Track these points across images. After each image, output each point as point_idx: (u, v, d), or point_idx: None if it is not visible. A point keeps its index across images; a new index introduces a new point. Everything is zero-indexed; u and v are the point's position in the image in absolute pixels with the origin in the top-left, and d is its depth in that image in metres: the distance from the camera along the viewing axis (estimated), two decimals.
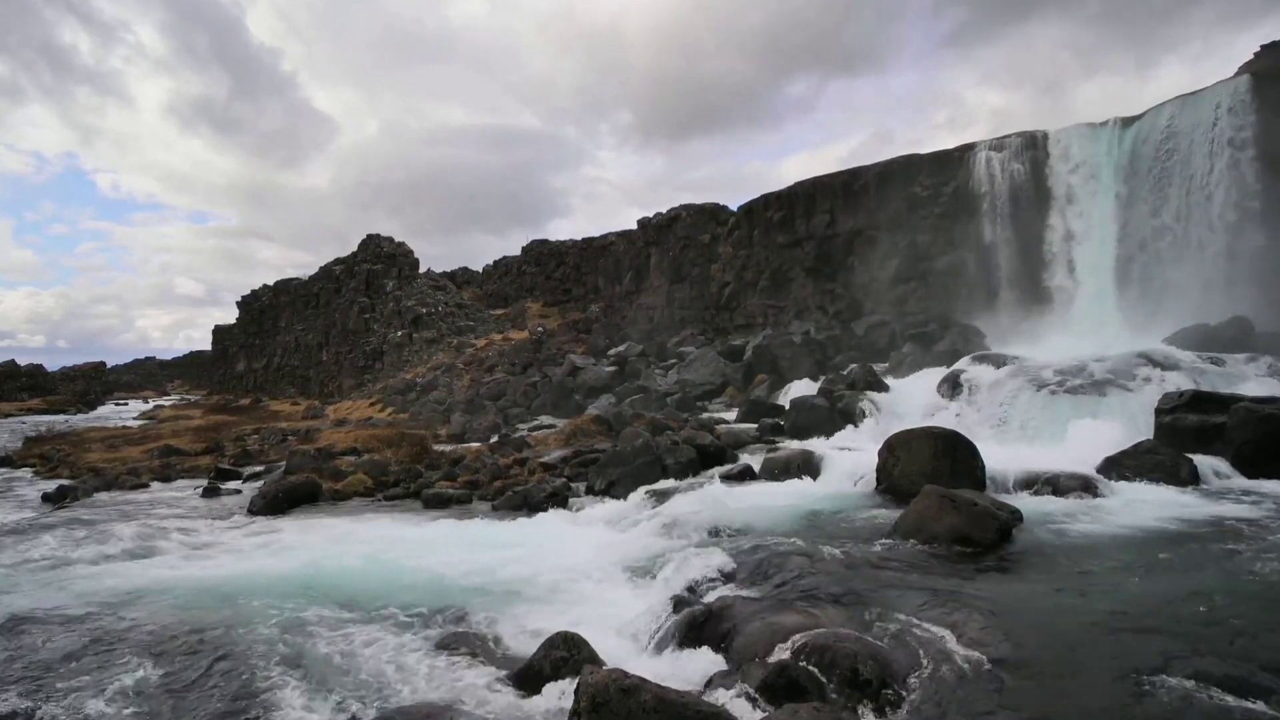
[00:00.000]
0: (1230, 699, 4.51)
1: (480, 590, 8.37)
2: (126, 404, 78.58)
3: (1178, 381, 13.92)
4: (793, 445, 15.42)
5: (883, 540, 8.32)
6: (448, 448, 20.81)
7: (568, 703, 5.26)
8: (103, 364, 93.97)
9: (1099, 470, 10.94)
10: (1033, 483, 10.38)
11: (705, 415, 21.94)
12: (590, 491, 13.90)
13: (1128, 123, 24.31)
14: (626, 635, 6.84)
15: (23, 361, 78.32)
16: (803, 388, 22.16)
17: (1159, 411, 12.37)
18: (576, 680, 5.21)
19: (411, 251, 58.85)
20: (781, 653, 5.56)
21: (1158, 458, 10.81)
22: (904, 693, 4.98)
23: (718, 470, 13.90)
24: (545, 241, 62.65)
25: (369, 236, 59.09)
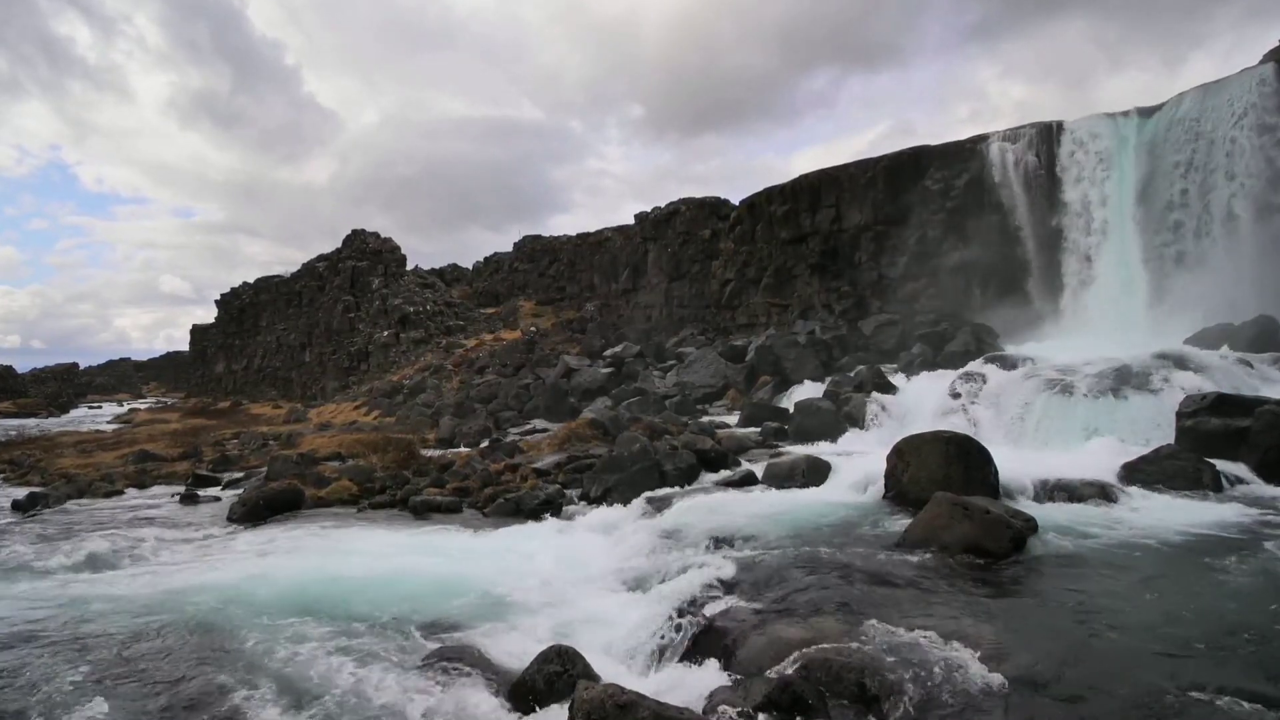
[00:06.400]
0: (1256, 713, 4.51)
1: (470, 602, 8.37)
2: (100, 407, 78.53)
3: (1200, 384, 13.91)
4: (797, 450, 15.41)
5: (891, 550, 8.32)
6: (436, 453, 20.79)
7: None
8: (75, 365, 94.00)
9: (1117, 476, 10.94)
10: (1048, 489, 10.37)
11: (706, 419, 21.91)
12: (585, 499, 13.88)
13: (1148, 113, 24.32)
14: (623, 649, 6.84)
15: None
16: (807, 390, 22.16)
17: (1180, 415, 12.37)
18: (571, 696, 5.21)
19: (399, 248, 58.94)
20: (785, 667, 5.57)
21: (1179, 463, 10.81)
22: (912, 709, 4.97)
23: (719, 476, 13.90)
24: (538, 237, 62.61)
25: (354, 232, 59.16)
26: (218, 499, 17.14)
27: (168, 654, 7.27)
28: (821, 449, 15.39)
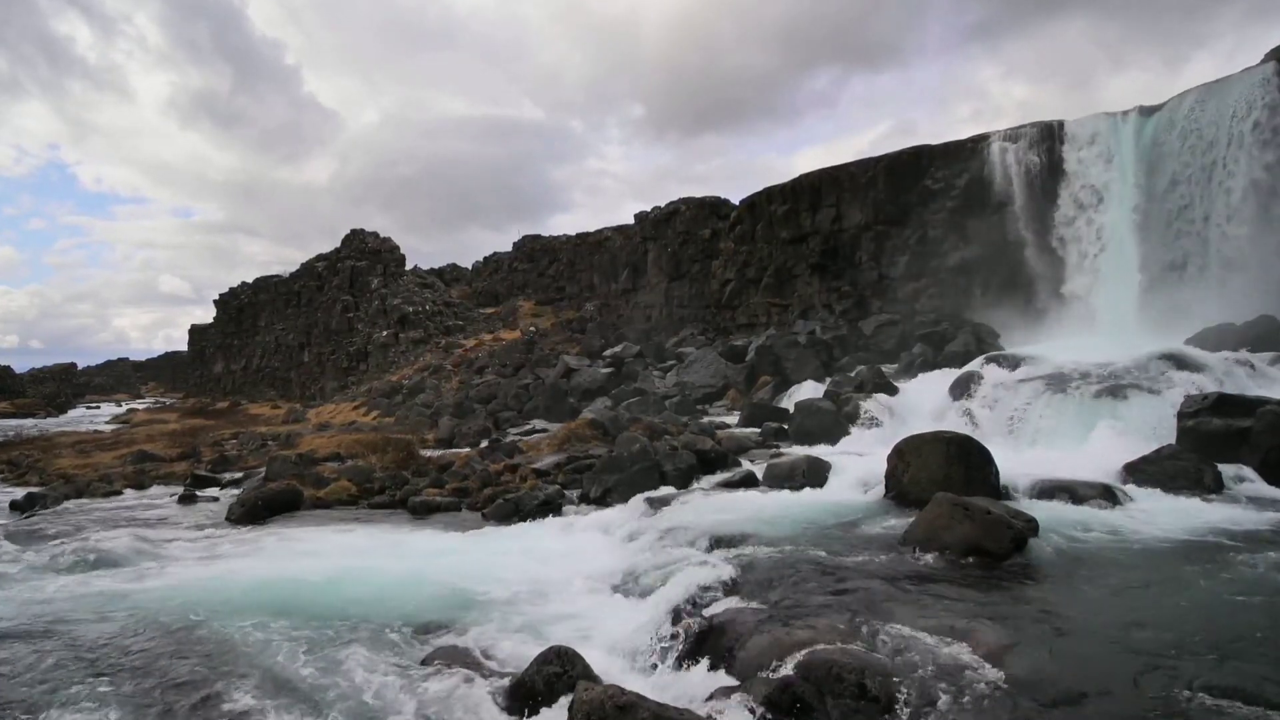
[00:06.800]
0: (1257, 714, 4.51)
1: (469, 603, 8.36)
2: (98, 407, 78.49)
3: (1201, 383, 13.92)
4: (797, 451, 15.41)
5: (892, 550, 8.32)
6: (435, 453, 20.78)
7: None
8: (73, 365, 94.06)
9: (1119, 477, 10.94)
10: (1049, 490, 10.37)
11: (705, 419, 21.91)
12: (585, 499, 13.89)
13: (1149, 112, 24.32)
14: (623, 650, 6.84)
15: None
16: (808, 390, 22.15)
17: (1181, 415, 12.37)
18: (571, 698, 5.20)
19: (398, 247, 58.95)
20: (785, 668, 5.56)
21: (1180, 464, 10.81)
22: (913, 710, 4.97)
23: (719, 477, 13.89)
24: (537, 237, 62.57)
25: (353, 231, 59.19)
26: (216, 499, 17.13)
27: (159, 656, 7.26)
28: (822, 449, 15.38)
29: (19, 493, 18.20)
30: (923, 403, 17.62)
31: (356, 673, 6.65)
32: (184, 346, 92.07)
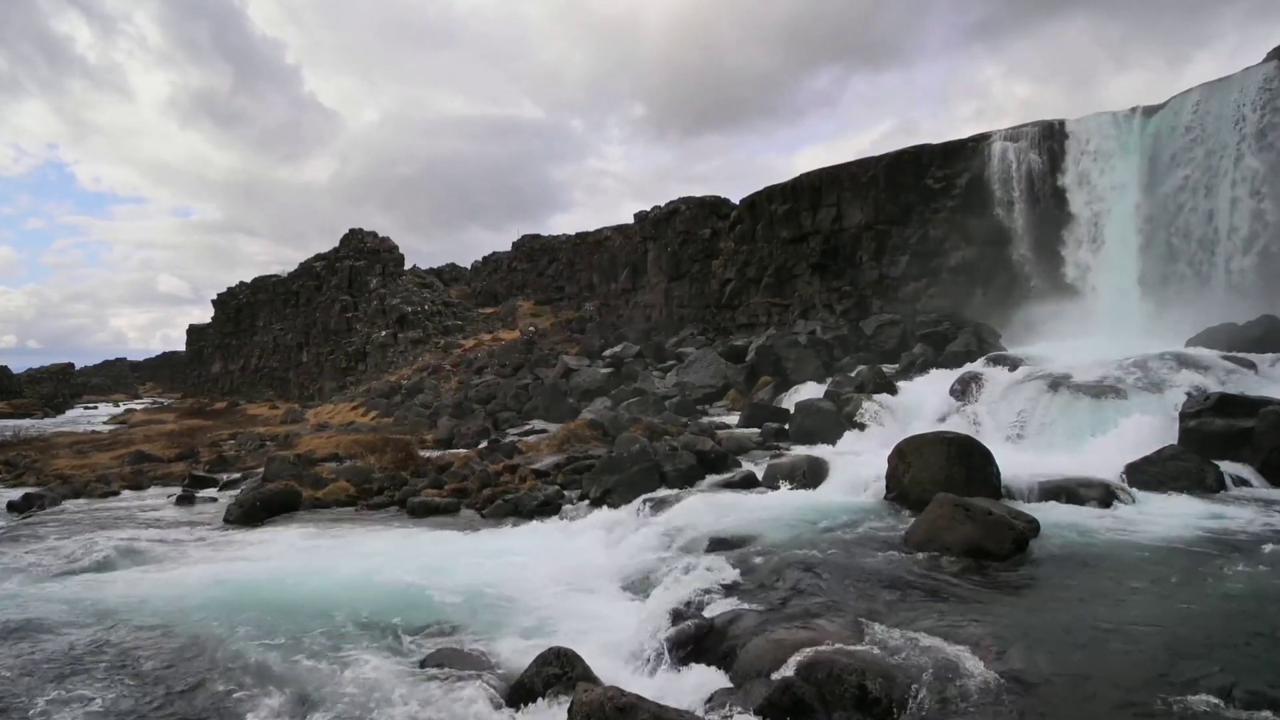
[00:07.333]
0: (1257, 714, 4.52)
1: (468, 604, 8.37)
2: (96, 407, 78.44)
3: (1204, 384, 13.91)
4: (798, 451, 15.41)
5: (893, 551, 8.32)
6: (434, 454, 20.79)
7: None
8: (71, 365, 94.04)
9: (1120, 477, 10.93)
10: (1050, 491, 10.37)
11: (706, 419, 21.91)
12: (584, 500, 13.88)
13: (1151, 111, 24.31)
14: (623, 651, 6.84)
15: None
16: (808, 390, 22.13)
17: (1183, 415, 12.36)
18: (570, 699, 5.21)
19: (396, 247, 58.88)
20: (786, 670, 5.57)
21: (1182, 464, 10.80)
22: (913, 711, 4.98)
23: (718, 477, 13.88)
24: (537, 236, 62.48)
25: (352, 231, 59.12)
26: (214, 500, 17.15)
27: (158, 657, 7.27)
28: (822, 450, 15.37)
29: (17, 494, 18.21)
30: (923, 403, 17.60)
31: (356, 674, 6.65)
32: (182, 346, 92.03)
